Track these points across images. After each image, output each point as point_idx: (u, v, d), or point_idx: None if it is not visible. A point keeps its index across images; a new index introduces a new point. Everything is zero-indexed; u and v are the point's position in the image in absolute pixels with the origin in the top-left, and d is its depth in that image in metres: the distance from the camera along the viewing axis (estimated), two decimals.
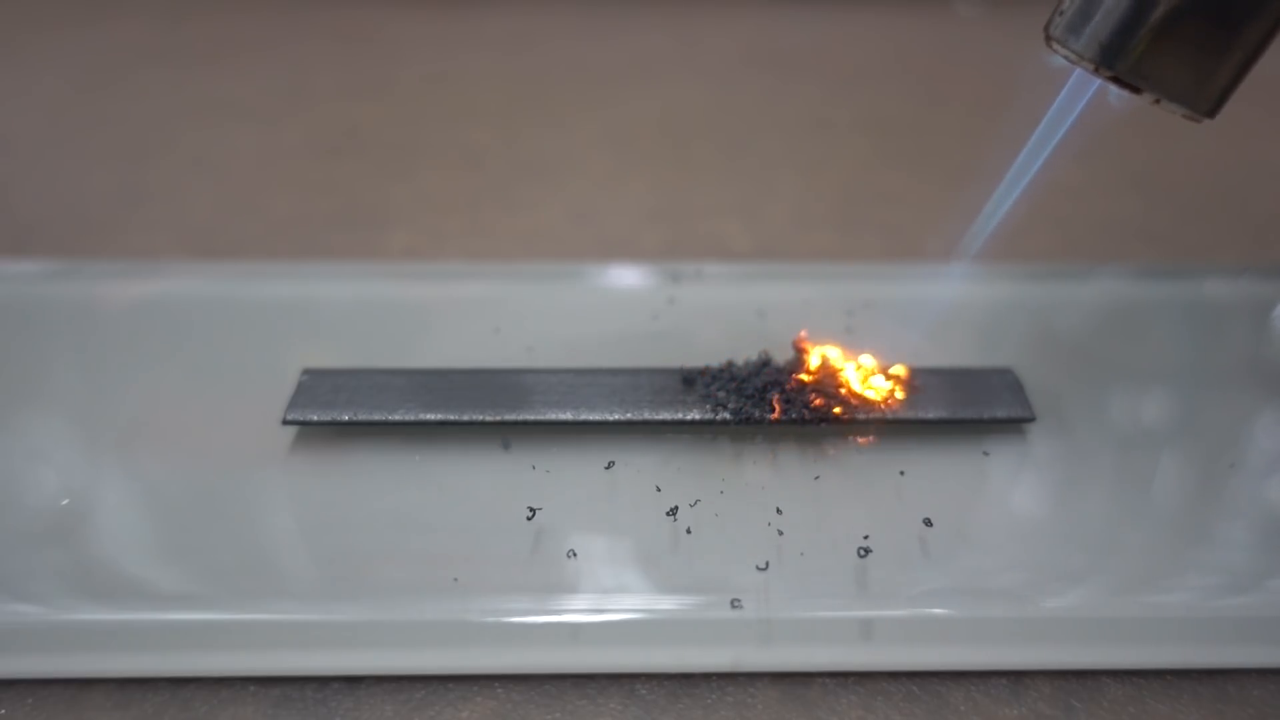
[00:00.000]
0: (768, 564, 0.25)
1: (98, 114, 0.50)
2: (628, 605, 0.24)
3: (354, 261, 0.38)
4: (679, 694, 0.23)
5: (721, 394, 0.28)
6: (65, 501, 0.26)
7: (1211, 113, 0.23)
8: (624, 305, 0.33)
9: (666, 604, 0.24)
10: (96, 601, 0.24)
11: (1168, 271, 0.35)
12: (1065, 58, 0.23)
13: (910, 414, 0.28)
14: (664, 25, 0.62)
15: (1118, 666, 0.24)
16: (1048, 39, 0.23)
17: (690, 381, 0.29)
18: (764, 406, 0.28)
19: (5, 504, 0.26)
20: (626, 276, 0.35)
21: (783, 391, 0.28)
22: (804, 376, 0.28)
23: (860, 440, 0.28)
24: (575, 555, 0.25)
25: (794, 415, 0.27)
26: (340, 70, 0.56)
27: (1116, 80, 0.23)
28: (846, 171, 0.46)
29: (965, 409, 0.28)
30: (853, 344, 0.30)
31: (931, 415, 0.28)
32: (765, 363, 0.29)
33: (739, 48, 0.60)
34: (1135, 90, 0.23)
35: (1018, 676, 0.24)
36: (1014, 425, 0.28)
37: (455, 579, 0.24)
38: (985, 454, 0.27)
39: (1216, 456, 0.28)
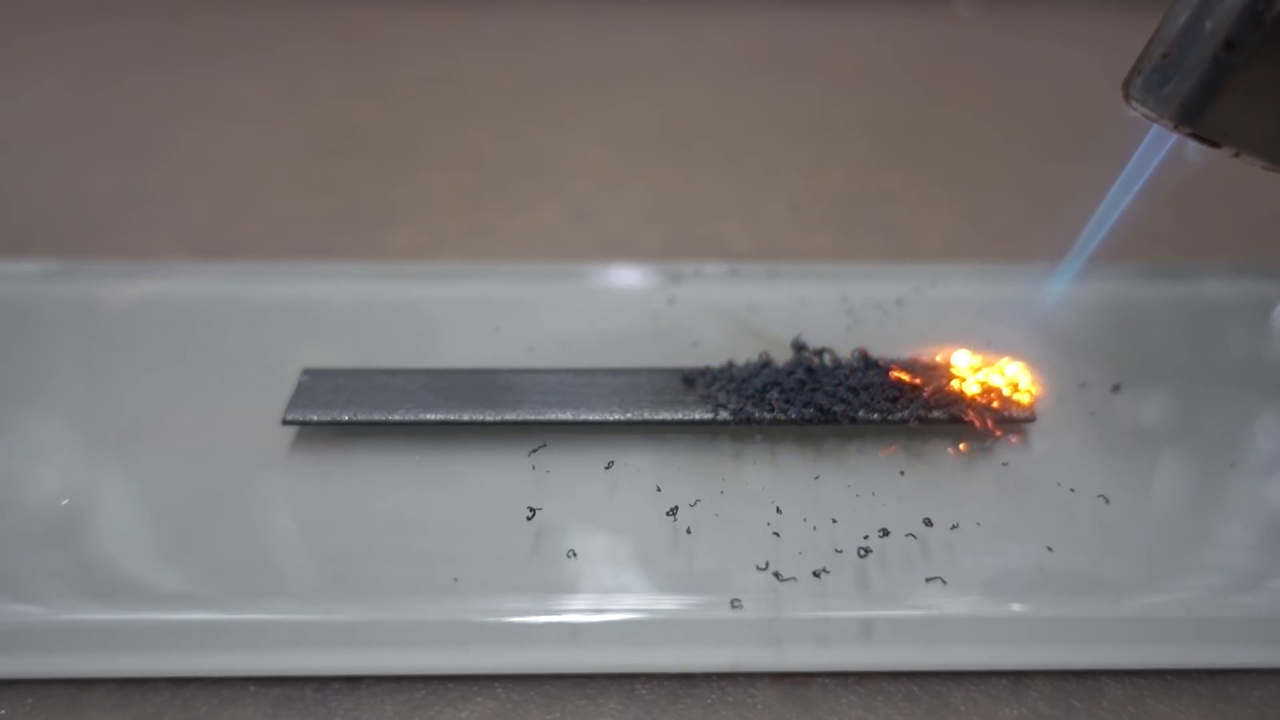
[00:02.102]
0: (768, 564, 0.25)
1: (98, 114, 0.50)
2: (628, 605, 0.24)
3: (354, 261, 0.38)
4: (679, 694, 0.23)
5: (721, 394, 0.28)
6: (65, 501, 0.26)
7: None
8: (624, 305, 0.33)
9: (666, 604, 0.24)
10: (96, 601, 0.24)
11: (1168, 271, 0.35)
12: (1144, 115, 0.24)
13: (910, 414, 0.27)
14: (664, 25, 0.62)
15: (1118, 666, 0.24)
16: (1126, 97, 0.24)
17: (690, 381, 0.29)
18: (764, 406, 0.28)
19: (5, 504, 0.26)
20: (626, 276, 0.35)
21: (782, 391, 0.28)
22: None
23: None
24: (575, 555, 0.25)
25: (794, 415, 0.27)
26: (340, 70, 0.56)
27: (1196, 136, 0.23)
28: (846, 171, 0.46)
29: (965, 409, 0.28)
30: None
31: (931, 415, 0.28)
32: (765, 363, 0.29)
33: (739, 48, 0.60)
34: (1214, 145, 0.23)
35: (1018, 676, 0.24)
36: (1014, 425, 0.28)
37: (455, 579, 0.24)
38: (1004, 465, 0.27)
39: (1216, 456, 0.28)
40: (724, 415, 0.28)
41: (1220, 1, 0.22)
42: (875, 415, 0.27)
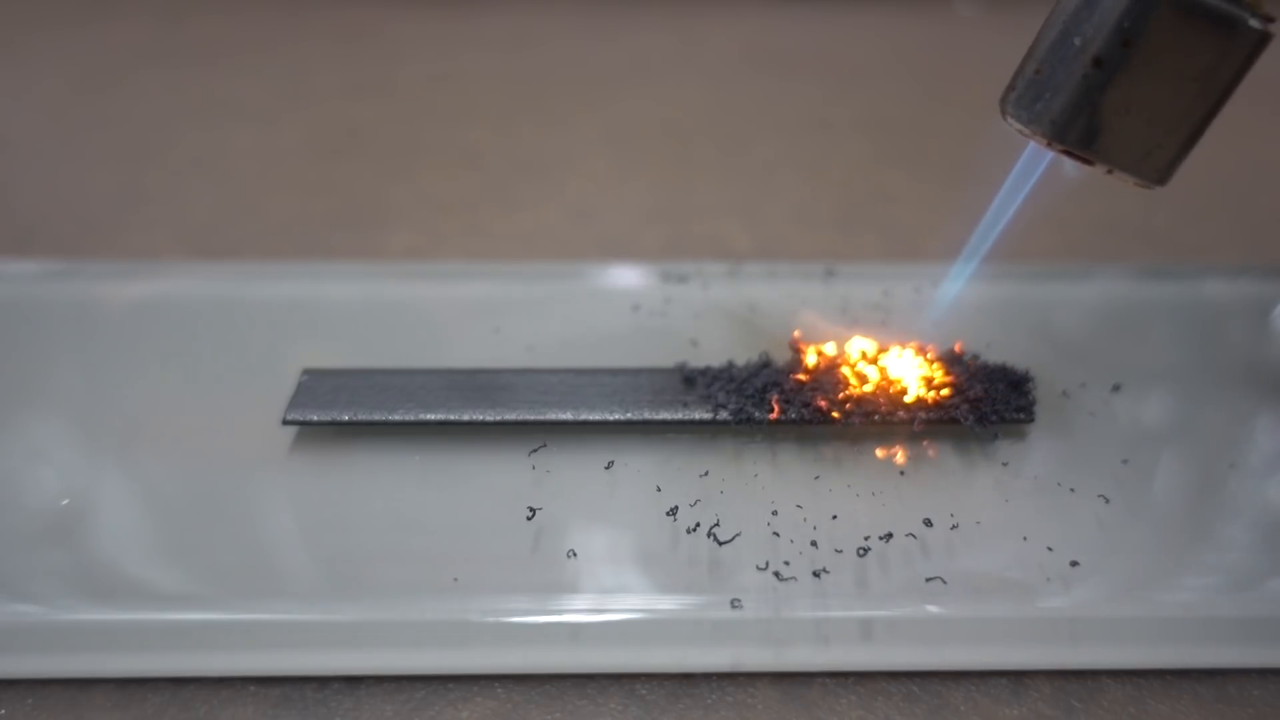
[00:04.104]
0: (768, 564, 0.25)
1: (98, 114, 0.50)
2: (628, 605, 0.24)
3: (354, 261, 0.38)
4: (679, 694, 0.23)
5: (721, 394, 0.28)
6: (65, 501, 0.26)
7: (1163, 180, 0.24)
8: (624, 305, 0.33)
9: (666, 604, 0.24)
10: (96, 601, 0.24)
11: (1168, 271, 0.35)
12: (1019, 131, 0.24)
13: (910, 414, 0.27)
14: (664, 25, 0.62)
15: (1118, 666, 0.24)
16: (1003, 112, 0.24)
17: (690, 381, 0.29)
18: (764, 406, 0.28)
19: (5, 504, 0.26)
20: (627, 276, 0.35)
21: (782, 391, 0.28)
22: (801, 376, 0.28)
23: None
24: (575, 555, 0.25)
25: (794, 415, 0.27)
26: (340, 70, 0.56)
27: (1069, 153, 0.23)
28: (846, 171, 0.46)
29: (965, 409, 0.28)
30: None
31: (931, 415, 0.28)
32: (765, 363, 0.29)
33: (739, 48, 0.60)
34: (1087, 162, 0.23)
35: (1018, 676, 0.24)
36: (1014, 425, 0.28)
37: (455, 579, 0.24)
38: (1004, 465, 0.27)
39: (1216, 457, 0.28)
40: (724, 415, 0.28)
41: (1089, 18, 0.22)
42: (875, 416, 0.27)
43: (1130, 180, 0.23)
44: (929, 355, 0.29)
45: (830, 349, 0.30)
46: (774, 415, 0.27)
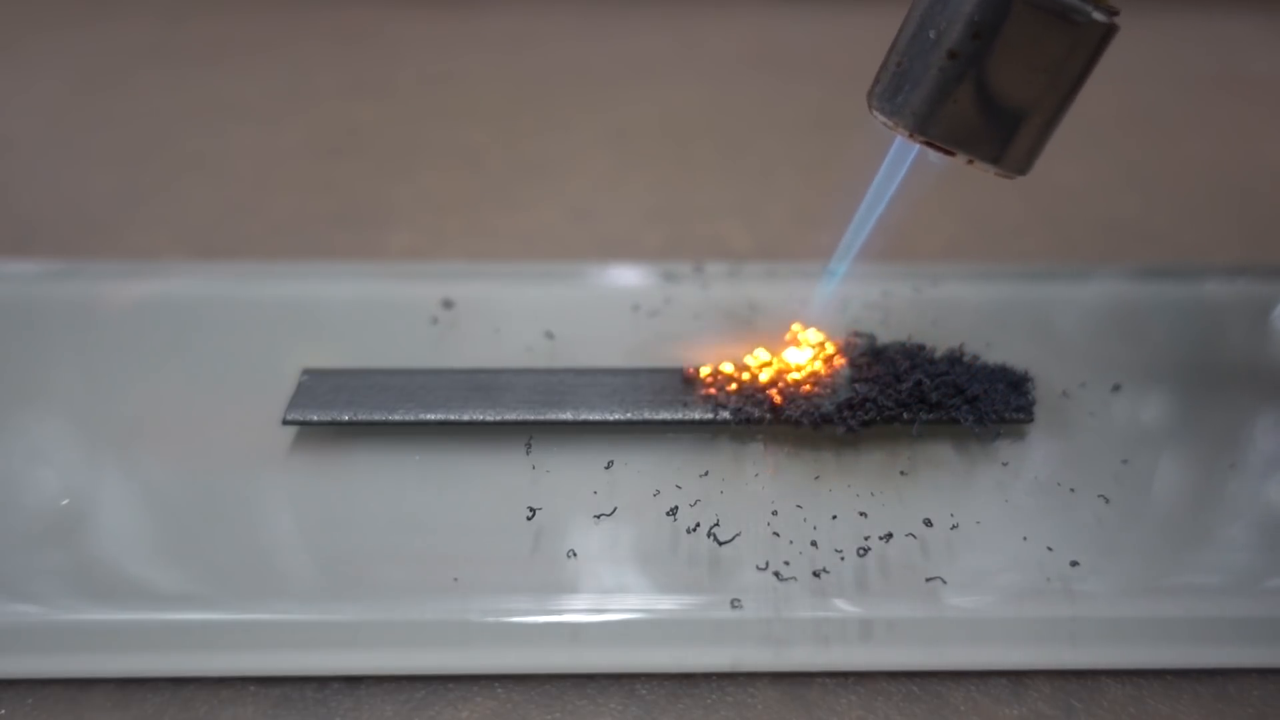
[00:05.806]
0: (768, 564, 0.25)
1: (98, 114, 0.50)
2: (628, 605, 0.24)
3: (354, 261, 0.38)
4: (679, 694, 0.23)
5: (721, 394, 0.28)
6: (65, 502, 0.26)
7: (1023, 171, 0.24)
8: (624, 305, 0.33)
9: (666, 604, 0.24)
10: (96, 601, 0.24)
11: (1168, 271, 0.35)
12: (883, 124, 0.24)
13: (909, 414, 0.27)
14: (664, 25, 0.62)
15: (1118, 666, 0.24)
16: (869, 106, 0.24)
17: (690, 381, 0.29)
18: (764, 406, 0.28)
19: (5, 504, 0.26)
20: (626, 276, 0.35)
21: (782, 392, 0.28)
22: (800, 376, 0.28)
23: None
24: (575, 555, 0.25)
25: (794, 415, 0.27)
26: (340, 70, 0.56)
27: (931, 144, 0.24)
28: (846, 171, 0.46)
29: (965, 409, 0.28)
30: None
31: (930, 415, 0.28)
32: (766, 363, 0.29)
33: (739, 48, 0.60)
34: (949, 153, 0.23)
35: (1018, 676, 0.24)
36: (1014, 425, 0.28)
37: (455, 579, 0.24)
38: (1004, 465, 0.27)
39: (1216, 457, 0.28)
40: (724, 415, 0.28)
41: (942, 11, 0.22)
42: (875, 416, 0.27)
43: (992, 170, 0.24)
44: (927, 354, 0.29)
45: (829, 348, 0.30)
46: (774, 415, 0.27)
